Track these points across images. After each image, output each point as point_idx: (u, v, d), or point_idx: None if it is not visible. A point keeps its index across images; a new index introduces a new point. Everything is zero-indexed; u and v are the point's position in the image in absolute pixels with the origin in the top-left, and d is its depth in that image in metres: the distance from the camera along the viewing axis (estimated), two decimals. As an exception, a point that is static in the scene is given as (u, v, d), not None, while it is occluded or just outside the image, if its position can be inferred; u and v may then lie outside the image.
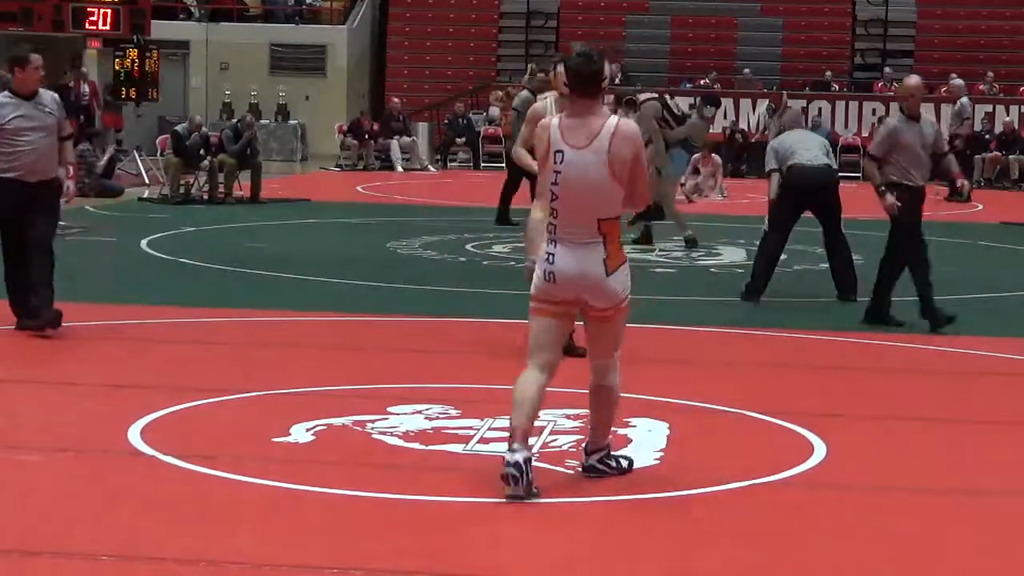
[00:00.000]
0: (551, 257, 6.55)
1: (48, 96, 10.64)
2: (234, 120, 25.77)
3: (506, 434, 7.67)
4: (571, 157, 6.49)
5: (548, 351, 6.72)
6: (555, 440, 7.57)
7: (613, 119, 6.55)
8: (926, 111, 12.97)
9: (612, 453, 6.98)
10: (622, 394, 8.71)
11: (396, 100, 32.20)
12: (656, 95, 18.26)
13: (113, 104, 29.42)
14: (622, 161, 6.48)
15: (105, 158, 23.05)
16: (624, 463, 6.96)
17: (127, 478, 6.80)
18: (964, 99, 26.38)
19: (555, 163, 6.52)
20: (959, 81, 27.69)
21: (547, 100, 9.49)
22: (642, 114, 16.62)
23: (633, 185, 6.55)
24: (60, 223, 10.03)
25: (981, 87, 32.37)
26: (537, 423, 7.90)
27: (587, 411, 8.21)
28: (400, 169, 30.55)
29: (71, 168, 10.89)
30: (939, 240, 19.87)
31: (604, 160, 6.47)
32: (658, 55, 35.09)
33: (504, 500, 6.46)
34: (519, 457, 6.43)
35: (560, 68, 8.50)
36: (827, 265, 13.75)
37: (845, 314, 12.49)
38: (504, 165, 28.81)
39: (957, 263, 16.78)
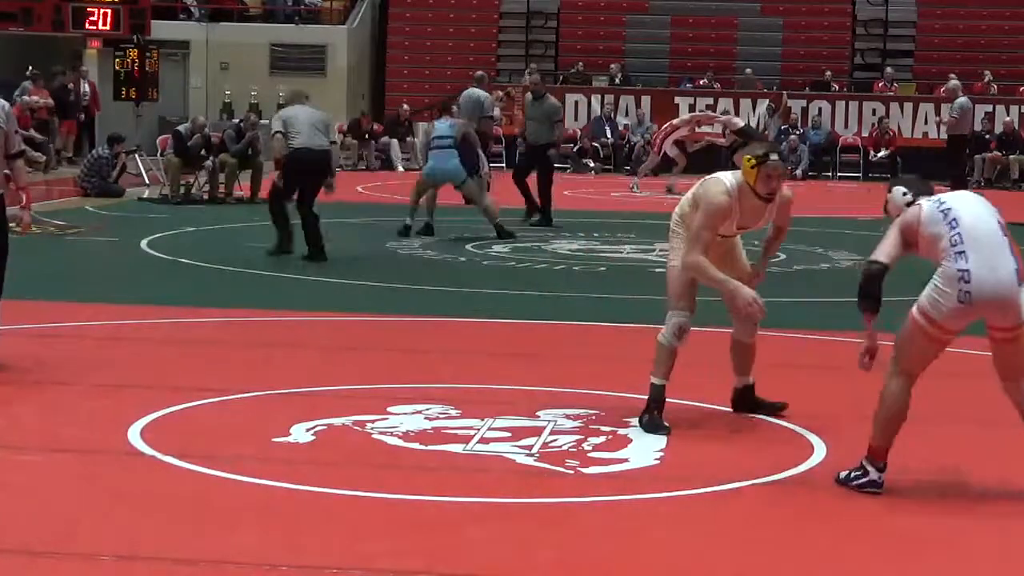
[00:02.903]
0: (966, 275, 6.54)
1: None
2: (237, 120, 25.75)
3: (507, 434, 7.70)
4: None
5: (920, 367, 6.80)
6: (555, 440, 7.57)
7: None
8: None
9: None
10: (621, 394, 8.75)
11: (406, 106, 32.08)
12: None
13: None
14: None
15: (118, 167, 23.03)
16: None
17: (127, 478, 6.80)
18: (961, 99, 26.45)
19: (947, 219, 6.67)
20: (955, 83, 27.84)
21: (728, 184, 7.86)
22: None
23: None
24: (60, 223, 9.99)
25: (979, 86, 32.35)
26: (537, 423, 7.93)
27: (587, 411, 8.24)
28: (400, 169, 30.55)
29: (24, 195, 9.38)
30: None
31: None
32: (658, 55, 35.07)
33: (508, 500, 6.47)
34: (880, 478, 6.76)
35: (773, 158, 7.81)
36: (827, 265, 13.84)
37: (845, 314, 12.48)
38: (504, 164, 28.87)
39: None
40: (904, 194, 6.96)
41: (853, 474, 6.79)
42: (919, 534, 6.27)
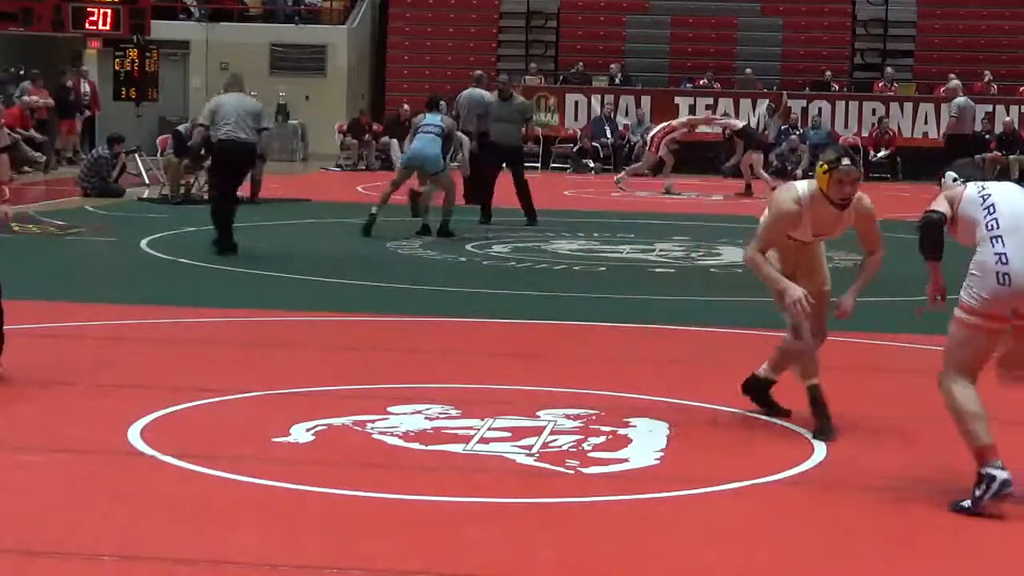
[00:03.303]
0: (1003, 257, 6.52)
1: None
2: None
3: (507, 434, 7.70)
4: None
5: (976, 366, 6.68)
6: (555, 440, 7.57)
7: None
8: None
9: None
10: (621, 394, 8.76)
11: (406, 106, 32.03)
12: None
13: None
14: None
15: (118, 167, 23.03)
16: None
17: (127, 478, 6.80)
18: (958, 99, 26.59)
19: (985, 204, 6.69)
20: (955, 82, 27.95)
21: (800, 192, 7.75)
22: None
23: None
24: (60, 222, 9.99)
25: (979, 86, 32.36)
26: (537, 423, 7.93)
27: (587, 411, 8.24)
28: (400, 168, 30.49)
29: (5, 190, 9.27)
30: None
31: None
32: (658, 55, 35.08)
33: (508, 500, 6.47)
34: (1008, 475, 6.45)
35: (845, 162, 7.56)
36: (827, 265, 13.86)
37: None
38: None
39: (957, 263, 16.78)
40: (955, 180, 6.94)
41: (978, 491, 6.46)
42: (919, 534, 6.26)
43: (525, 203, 19.69)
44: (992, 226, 6.60)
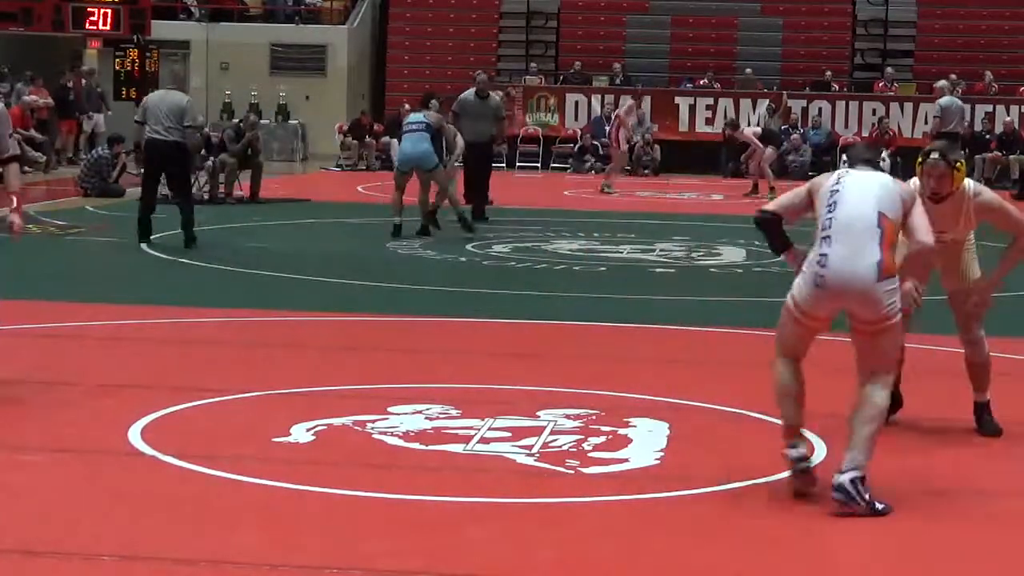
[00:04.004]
0: (823, 259, 6.51)
1: None
2: (236, 120, 25.74)
3: (507, 434, 7.71)
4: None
5: (796, 351, 6.75)
6: (555, 440, 7.57)
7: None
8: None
9: (867, 485, 6.41)
10: (621, 393, 8.76)
11: (407, 106, 31.96)
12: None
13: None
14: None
15: (118, 167, 23.02)
16: (879, 507, 6.34)
17: (127, 478, 6.80)
18: (942, 99, 26.62)
19: (830, 200, 6.63)
20: (942, 82, 27.97)
21: (913, 185, 7.51)
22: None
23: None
24: (60, 222, 9.98)
25: (979, 86, 32.33)
26: (537, 423, 7.93)
27: (587, 411, 8.24)
28: (400, 169, 30.47)
29: (15, 199, 8.93)
30: (939, 240, 19.87)
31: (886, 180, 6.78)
32: (658, 55, 35.07)
33: (508, 500, 6.48)
34: (799, 452, 6.59)
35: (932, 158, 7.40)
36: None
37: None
38: (504, 164, 28.87)
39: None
40: (843, 162, 6.99)
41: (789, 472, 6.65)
42: (920, 533, 6.26)
43: (477, 200, 19.83)
44: (826, 225, 6.58)
